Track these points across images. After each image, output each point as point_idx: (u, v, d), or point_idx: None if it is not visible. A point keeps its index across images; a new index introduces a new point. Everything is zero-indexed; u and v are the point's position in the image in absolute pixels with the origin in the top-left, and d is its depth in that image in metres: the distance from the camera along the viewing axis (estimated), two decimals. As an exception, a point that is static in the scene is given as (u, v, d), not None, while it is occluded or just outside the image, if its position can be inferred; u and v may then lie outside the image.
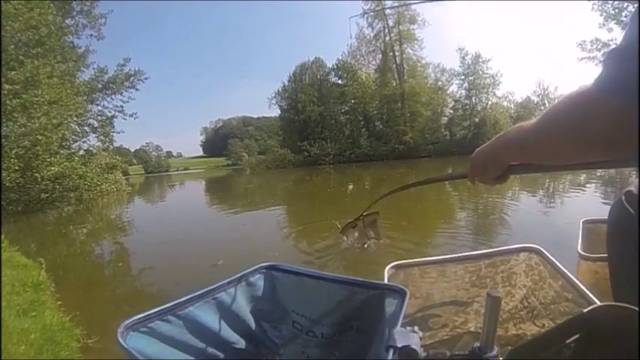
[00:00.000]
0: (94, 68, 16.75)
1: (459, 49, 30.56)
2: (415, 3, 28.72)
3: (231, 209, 9.21)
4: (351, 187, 12.33)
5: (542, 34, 74.78)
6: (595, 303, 0.91)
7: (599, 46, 14.13)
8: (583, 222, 2.16)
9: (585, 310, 0.65)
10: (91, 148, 15.90)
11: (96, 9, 16.45)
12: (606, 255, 0.75)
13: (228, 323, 0.99)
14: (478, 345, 0.85)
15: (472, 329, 1.22)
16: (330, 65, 35.55)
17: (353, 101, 33.25)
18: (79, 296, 3.31)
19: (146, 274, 4.11)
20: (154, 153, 66.72)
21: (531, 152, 0.63)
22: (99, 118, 16.41)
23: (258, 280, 1.08)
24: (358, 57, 34.28)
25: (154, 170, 56.19)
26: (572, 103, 0.51)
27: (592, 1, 13.82)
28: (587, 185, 8.79)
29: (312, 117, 33.58)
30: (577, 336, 0.63)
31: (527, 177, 12.12)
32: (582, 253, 1.71)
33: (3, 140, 9.90)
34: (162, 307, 0.85)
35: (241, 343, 1.03)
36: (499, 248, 1.30)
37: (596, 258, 1.58)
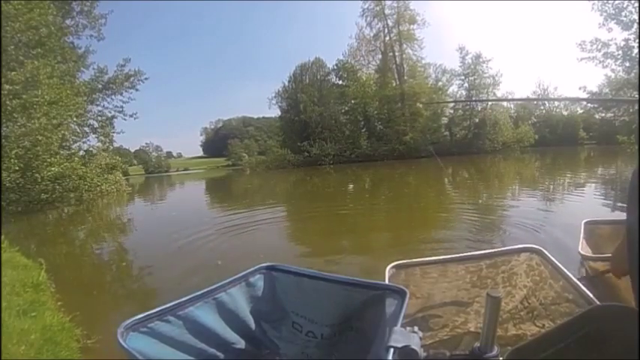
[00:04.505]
0: (94, 69, 16.73)
1: (460, 48, 30.58)
2: None
3: (231, 210, 9.21)
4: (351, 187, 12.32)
5: (542, 34, 74.66)
6: (595, 303, 0.91)
7: (599, 46, 14.08)
8: (584, 223, 2.16)
9: (585, 311, 0.65)
10: (91, 149, 15.88)
11: (96, 9, 16.46)
12: (607, 255, 0.75)
13: (229, 323, 0.99)
14: (478, 345, 0.85)
15: (472, 329, 1.22)
16: (330, 66, 35.63)
17: (353, 101, 33.23)
18: (79, 296, 3.31)
19: (146, 274, 4.11)
20: (154, 153, 66.52)
21: None
22: (99, 118, 16.39)
23: (258, 281, 1.08)
24: (358, 57, 34.27)
25: (154, 170, 56.01)
26: None
27: (592, 1, 13.78)
28: (587, 185, 8.79)
29: (312, 117, 33.56)
30: (577, 336, 0.63)
31: (527, 177, 12.14)
32: (583, 253, 1.71)
33: (3, 140, 9.89)
34: (162, 307, 0.85)
35: (241, 344, 1.02)
36: (500, 249, 1.30)
37: (596, 258, 1.58)
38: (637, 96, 13.93)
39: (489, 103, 30.96)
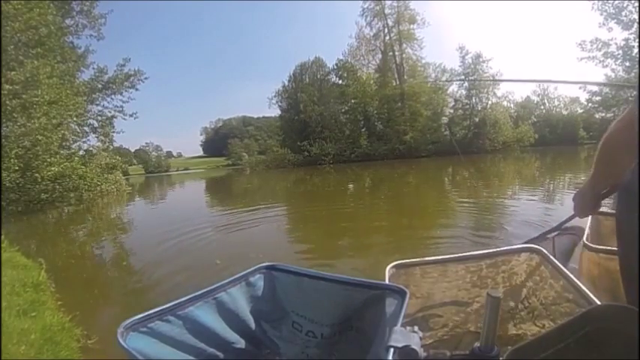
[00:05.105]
0: (93, 68, 16.72)
1: (460, 47, 30.58)
2: None
3: (231, 209, 9.21)
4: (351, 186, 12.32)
5: (542, 34, 74.82)
6: (595, 303, 0.91)
7: (599, 46, 14.10)
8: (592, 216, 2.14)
9: (585, 311, 0.65)
10: (91, 149, 15.89)
11: (95, 9, 16.46)
12: (610, 248, 0.76)
13: (229, 323, 0.99)
14: (478, 345, 0.85)
15: (472, 329, 1.22)
16: (330, 65, 35.64)
17: (353, 101, 33.20)
18: (79, 296, 3.30)
19: (146, 274, 4.10)
20: (153, 153, 66.72)
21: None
22: (99, 118, 16.39)
23: (258, 281, 1.08)
24: (358, 57, 34.25)
25: (154, 170, 56.09)
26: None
27: (592, 1, 13.79)
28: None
29: (312, 117, 33.55)
30: (577, 336, 0.63)
31: (527, 176, 12.15)
32: (587, 243, 1.67)
33: (3, 140, 9.89)
34: (162, 307, 0.85)
35: (241, 343, 1.02)
36: (501, 248, 1.30)
37: (599, 250, 1.54)
38: (637, 94, 13.91)
39: (489, 102, 30.92)
